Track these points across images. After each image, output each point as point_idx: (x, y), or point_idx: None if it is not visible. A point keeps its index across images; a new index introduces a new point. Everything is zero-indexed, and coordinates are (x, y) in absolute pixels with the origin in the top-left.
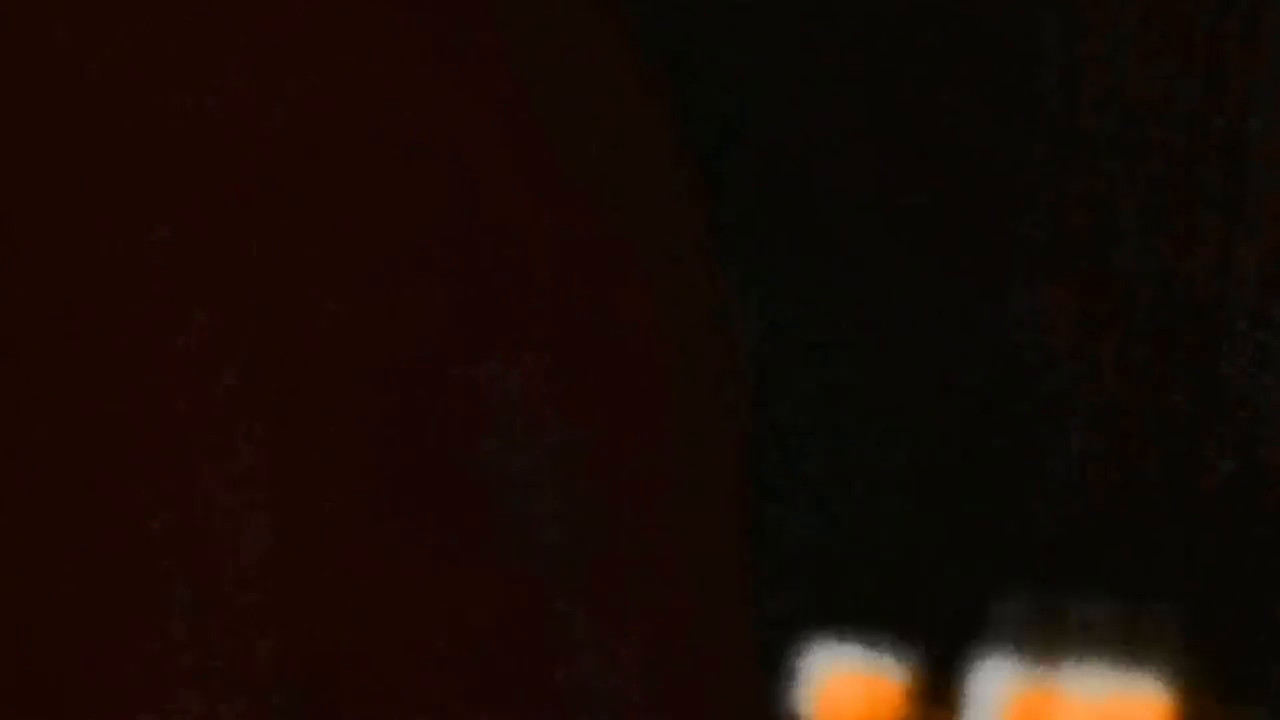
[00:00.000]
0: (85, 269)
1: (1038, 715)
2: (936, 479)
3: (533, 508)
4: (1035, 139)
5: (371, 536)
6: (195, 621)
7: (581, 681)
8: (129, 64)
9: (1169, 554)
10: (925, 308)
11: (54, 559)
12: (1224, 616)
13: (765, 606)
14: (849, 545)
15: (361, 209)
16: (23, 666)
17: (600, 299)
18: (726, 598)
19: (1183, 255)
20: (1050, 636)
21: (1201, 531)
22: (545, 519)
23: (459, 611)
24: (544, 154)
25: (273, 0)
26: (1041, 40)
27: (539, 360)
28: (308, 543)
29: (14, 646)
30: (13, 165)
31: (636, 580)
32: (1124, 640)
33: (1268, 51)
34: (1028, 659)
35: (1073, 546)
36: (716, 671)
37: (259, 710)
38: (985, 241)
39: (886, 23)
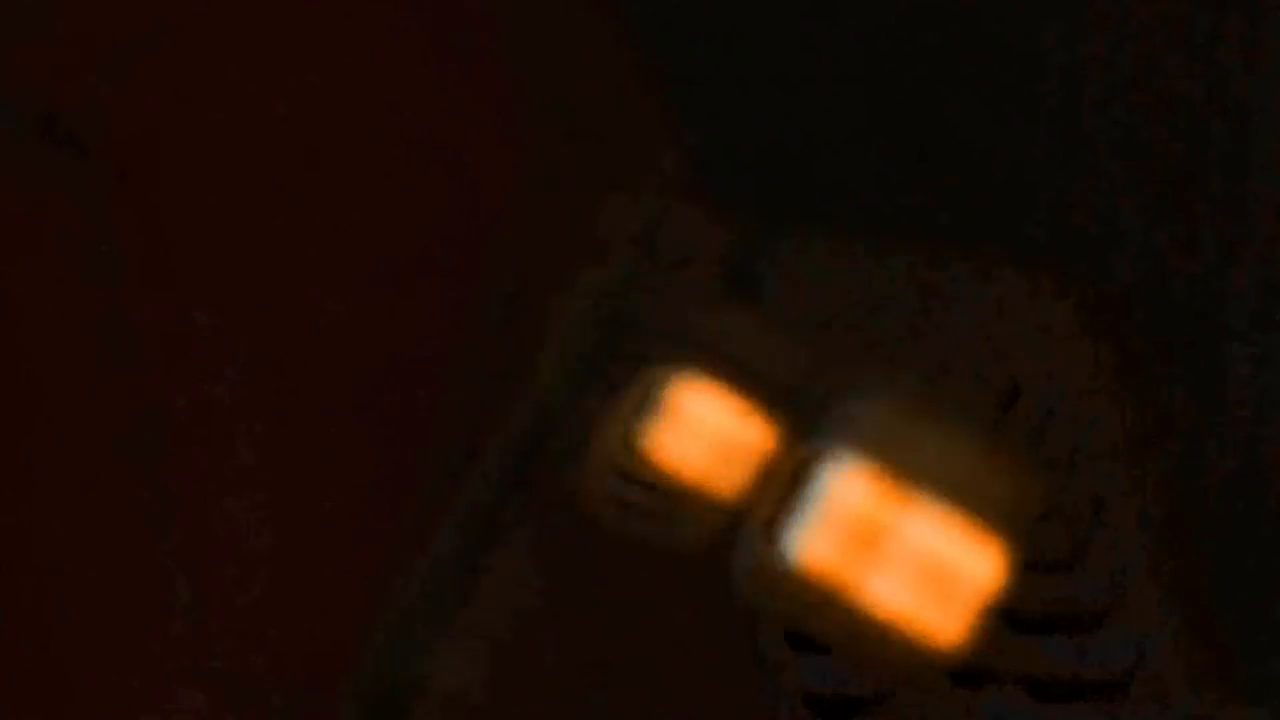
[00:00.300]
0: (86, 268)
1: (871, 534)
2: None
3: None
4: (1035, 139)
5: (371, 536)
6: (195, 621)
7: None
8: (128, 62)
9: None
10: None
11: (54, 559)
12: (1224, 616)
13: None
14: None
15: (361, 209)
16: (23, 666)
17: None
18: None
19: (1183, 255)
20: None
21: (1202, 531)
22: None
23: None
24: (544, 154)
25: (273, 0)
26: (1041, 40)
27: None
28: (308, 543)
29: (15, 646)
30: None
31: None
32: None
33: (1268, 51)
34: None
35: None
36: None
37: (259, 710)
38: (985, 242)
39: (886, 23)
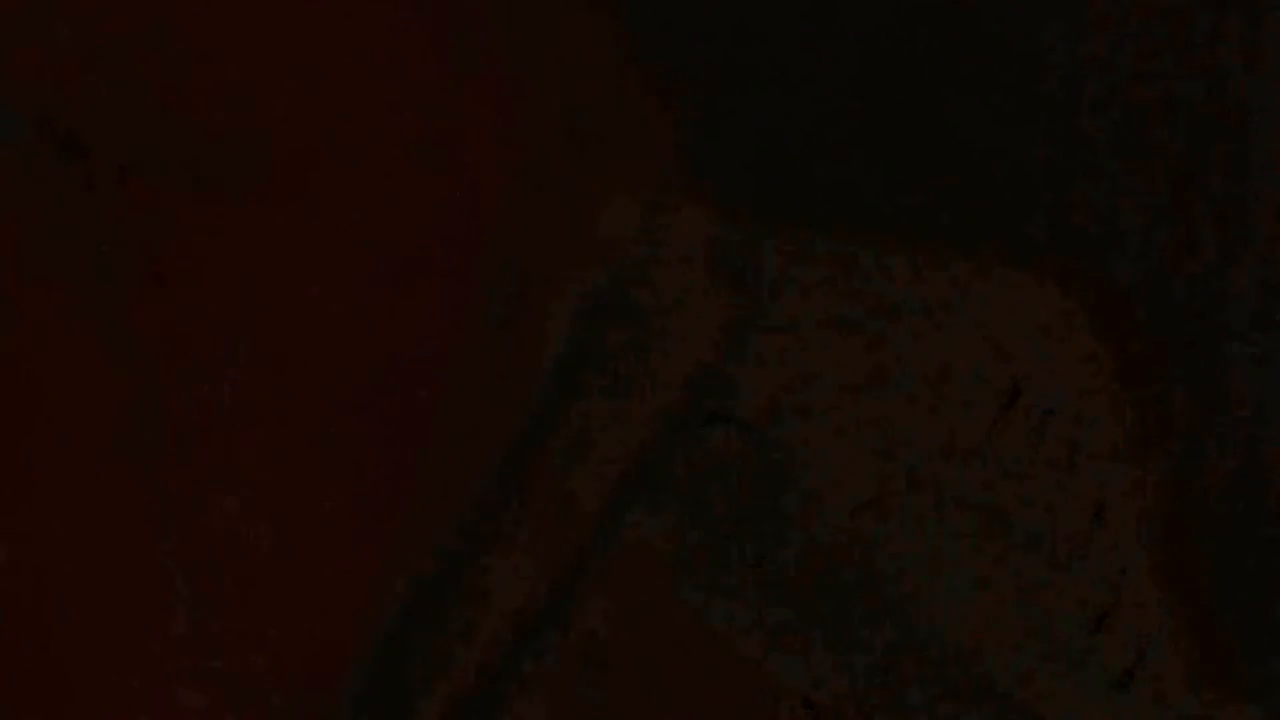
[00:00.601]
0: (86, 268)
1: None
2: None
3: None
4: (1035, 139)
5: (371, 536)
6: (195, 621)
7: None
8: (128, 62)
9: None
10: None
11: (54, 559)
12: (1224, 616)
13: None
14: None
15: (361, 209)
16: (23, 666)
17: None
18: None
19: (1183, 255)
20: None
21: (1202, 531)
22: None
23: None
24: (544, 154)
25: (273, 1)
26: (1041, 40)
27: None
28: (308, 543)
29: (15, 646)
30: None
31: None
32: None
33: (1268, 51)
34: None
35: None
36: None
37: (259, 710)
38: (985, 242)
39: (886, 23)
